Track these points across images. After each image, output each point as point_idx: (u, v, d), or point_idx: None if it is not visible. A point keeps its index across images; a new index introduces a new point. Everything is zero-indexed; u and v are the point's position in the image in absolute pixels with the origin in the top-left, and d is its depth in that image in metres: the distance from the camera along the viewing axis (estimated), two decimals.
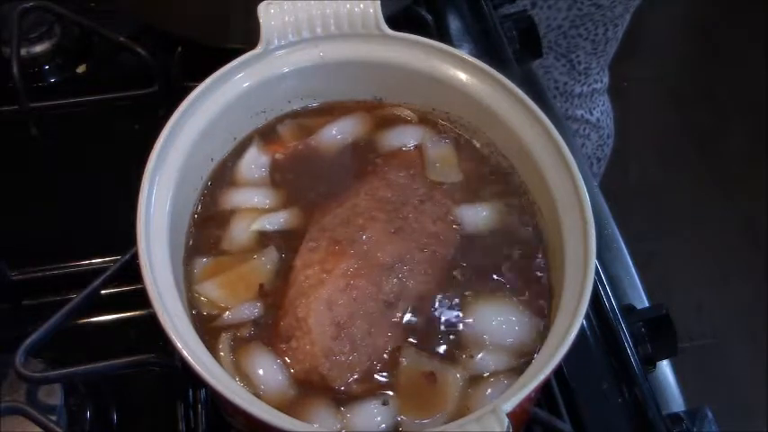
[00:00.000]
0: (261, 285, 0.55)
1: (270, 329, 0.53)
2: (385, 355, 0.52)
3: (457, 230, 0.58)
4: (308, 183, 0.61)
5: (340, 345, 0.52)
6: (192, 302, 0.54)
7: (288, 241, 0.57)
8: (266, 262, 0.56)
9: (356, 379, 0.51)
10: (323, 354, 0.51)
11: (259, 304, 0.54)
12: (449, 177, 0.61)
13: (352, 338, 0.52)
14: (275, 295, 0.55)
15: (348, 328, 0.52)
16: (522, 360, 0.52)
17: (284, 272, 0.56)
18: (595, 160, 1.50)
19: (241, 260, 0.56)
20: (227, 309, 0.54)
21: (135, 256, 0.49)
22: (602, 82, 1.43)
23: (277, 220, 0.59)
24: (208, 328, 0.53)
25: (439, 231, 0.58)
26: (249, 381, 0.51)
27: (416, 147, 0.63)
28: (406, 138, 0.63)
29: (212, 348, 0.51)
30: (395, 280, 0.55)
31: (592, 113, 1.43)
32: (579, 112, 1.41)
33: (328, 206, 0.59)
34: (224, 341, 0.52)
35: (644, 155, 2.21)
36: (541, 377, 0.46)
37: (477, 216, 0.59)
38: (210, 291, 0.55)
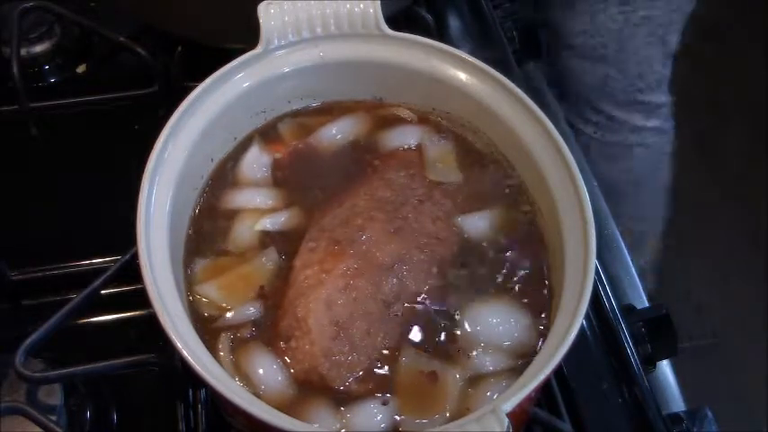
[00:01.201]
0: (261, 287, 0.55)
1: (270, 330, 0.53)
2: (384, 355, 0.52)
3: (456, 230, 0.58)
4: (309, 183, 0.61)
5: (339, 345, 0.52)
6: (192, 303, 0.54)
7: (289, 241, 0.57)
8: (267, 262, 0.56)
9: (356, 379, 0.51)
10: (322, 354, 0.51)
11: (259, 305, 0.54)
12: (448, 177, 0.61)
13: (352, 338, 0.52)
14: (275, 296, 0.55)
15: (347, 328, 0.52)
16: (521, 360, 0.52)
17: (285, 272, 0.56)
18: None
19: (242, 261, 0.56)
20: (227, 309, 0.54)
21: (135, 256, 0.49)
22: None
23: (278, 221, 0.59)
24: (208, 328, 0.53)
25: (438, 231, 0.58)
26: (249, 381, 0.51)
27: (416, 147, 0.63)
28: (405, 138, 0.63)
29: (212, 348, 0.51)
30: (394, 280, 0.55)
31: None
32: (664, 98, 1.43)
33: (328, 206, 0.59)
34: (224, 341, 0.52)
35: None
36: (541, 377, 0.46)
37: (477, 216, 0.59)
38: (211, 291, 0.55)
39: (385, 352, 0.52)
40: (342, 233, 0.56)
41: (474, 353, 0.53)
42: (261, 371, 0.51)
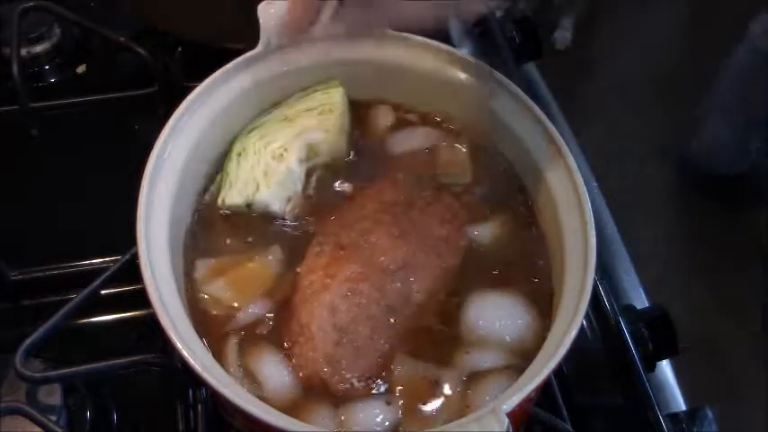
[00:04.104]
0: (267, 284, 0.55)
1: (275, 331, 0.53)
2: (387, 360, 0.52)
3: (462, 232, 0.58)
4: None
5: (342, 350, 0.52)
6: (199, 302, 0.54)
7: (292, 237, 0.57)
8: (272, 260, 0.56)
9: (357, 383, 0.51)
10: (325, 360, 0.51)
11: (266, 303, 0.54)
12: (454, 179, 0.61)
13: (354, 343, 0.52)
14: (281, 293, 0.55)
15: (350, 334, 0.52)
16: (522, 360, 0.52)
17: (290, 268, 0.56)
18: None
19: (246, 259, 0.56)
20: (235, 308, 0.54)
21: (135, 256, 0.49)
22: None
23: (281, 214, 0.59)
24: (215, 327, 0.53)
25: (444, 233, 0.58)
26: (254, 381, 0.51)
27: (422, 149, 0.63)
28: (412, 140, 0.63)
29: (219, 348, 0.52)
30: (398, 284, 0.55)
31: None
32: None
33: (334, 208, 0.59)
34: (231, 341, 0.52)
35: (644, 155, 2.21)
36: (541, 377, 0.46)
37: (482, 218, 0.59)
38: (219, 291, 0.55)
39: (387, 357, 0.52)
40: (347, 237, 0.56)
41: (474, 353, 0.53)
42: (266, 372, 0.51)
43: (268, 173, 0.58)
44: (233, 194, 0.58)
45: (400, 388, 0.51)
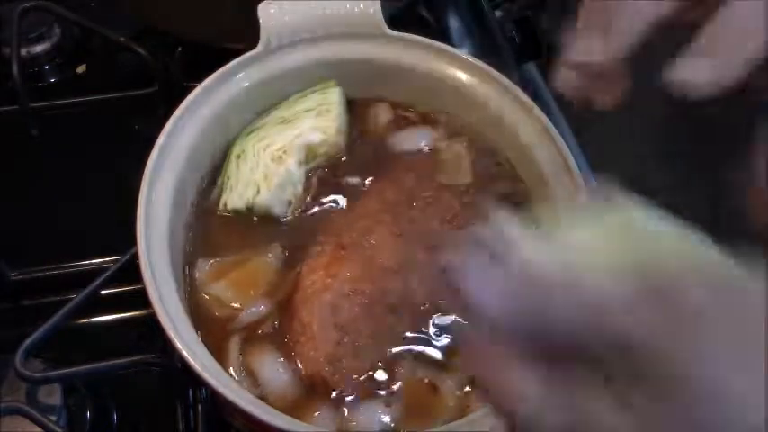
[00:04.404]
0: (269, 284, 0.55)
1: (276, 331, 0.54)
2: (388, 360, 0.52)
3: (463, 232, 0.58)
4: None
5: (343, 349, 0.52)
6: (201, 303, 0.54)
7: (293, 238, 0.57)
8: (273, 260, 0.56)
9: (358, 383, 0.51)
10: (326, 359, 0.51)
11: (267, 304, 0.54)
12: (454, 179, 0.61)
13: (356, 343, 0.52)
14: (282, 293, 0.55)
15: (351, 333, 0.52)
16: None
17: (291, 268, 0.56)
18: None
19: (246, 259, 0.56)
20: (237, 308, 0.54)
21: (135, 256, 0.49)
22: None
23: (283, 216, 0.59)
24: (219, 328, 0.53)
25: (445, 233, 0.58)
26: (255, 381, 0.51)
27: (422, 149, 0.63)
28: (412, 139, 0.63)
29: (220, 349, 0.52)
30: (400, 284, 0.55)
31: None
32: None
33: (334, 208, 0.59)
34: (234, 341, 0.52)
35: (644, 155, 2.21)
36: None
37: (480, 217, 0.59)
38: (221, 291, 0.55)
39: (388, 357, 0.52)
40: (348, 237, 0.57)
41: None
42: (266, 372, 0.51)
43: (268, 175, 0.58)
44: (234, 198, 0.58)
45: (401, 388, 0.51)
